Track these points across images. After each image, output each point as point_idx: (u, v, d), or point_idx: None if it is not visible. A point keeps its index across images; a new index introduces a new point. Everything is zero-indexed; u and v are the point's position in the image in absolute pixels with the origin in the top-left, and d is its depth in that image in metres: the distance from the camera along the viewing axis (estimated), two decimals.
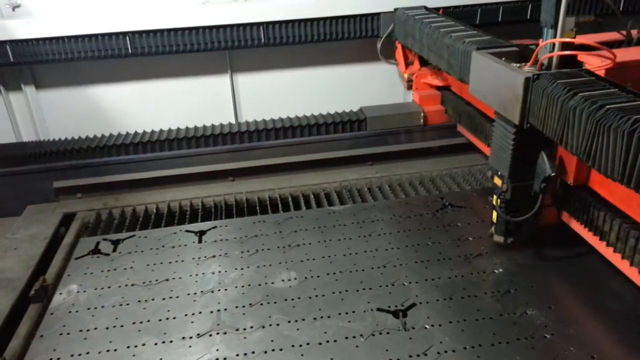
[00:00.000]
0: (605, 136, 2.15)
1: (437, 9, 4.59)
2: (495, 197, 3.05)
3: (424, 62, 4.68)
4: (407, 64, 4.88)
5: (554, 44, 2.68)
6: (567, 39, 2.65)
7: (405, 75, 4.85)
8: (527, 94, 2.59)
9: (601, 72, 2.67)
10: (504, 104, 2.77)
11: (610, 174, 2.16)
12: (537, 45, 2.76)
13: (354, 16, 4.74)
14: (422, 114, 4.65)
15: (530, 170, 2.89)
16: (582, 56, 2.79)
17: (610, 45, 2.77)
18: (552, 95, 2.43)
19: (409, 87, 4.85)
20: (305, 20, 4.68)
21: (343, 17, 4.73)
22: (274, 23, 4.64)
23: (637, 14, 4.80)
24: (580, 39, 2.70)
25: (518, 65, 2.78)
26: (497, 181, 3.01)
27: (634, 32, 3.20)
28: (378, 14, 4.76)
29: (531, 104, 2.60)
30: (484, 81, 2.98)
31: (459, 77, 3.40)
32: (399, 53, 4.87)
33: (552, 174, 2.77)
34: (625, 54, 2.77)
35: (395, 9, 4.61)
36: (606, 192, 2.76)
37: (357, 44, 5.05)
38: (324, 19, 4.70)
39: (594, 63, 2.73)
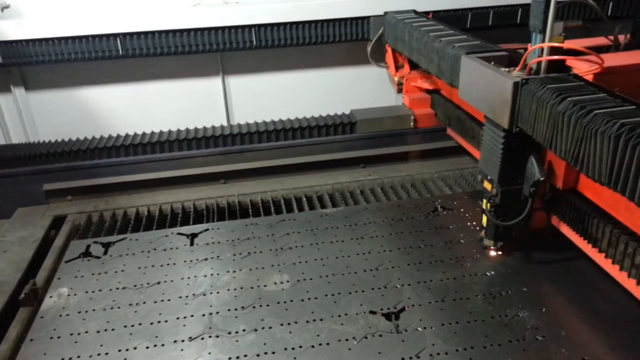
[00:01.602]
0: (592, 140, 2.18)
1: (426, 13, 4.62)
2: (485, 201, 3.06)
3: (414, 66, 4.71)
4: (397, 67, 4.91)
5: (542, 49, 2.71)
6: (556, 44, 2.67)
7: (396, 79, 4.87)
8: (516, 99, 2.62)
9: (589, 77, 2.70)
10: (493, 109, 2.79)
11: (598, 178, 2.19)
12: (526, 49, 2.79)
13: (344, 19, 4.78)
14: (412, 117, 4.67)
15: (519, 174, 2.90)
16: (570, 61, 2.82)
17: (598, 50, 2.80)
18: (541, 100, 2.45)
19: (400, 90, 4.87)
20: (297, 23, 4.70)
21: (333, 20, 4.76)
22: (265, 25, 4.66)
23: (624, 19, 4.87)
24: (569, 44, 2.73)
25: (507, 69, 2.80)
26: (487, 185, 3.03)
27: (621, 37, 3.24)
28: (368, 17, 4.79)
29: (520, 109, 2.62)
30: (473, 85, 3.00)
31: (449, 82, 3.41)
32: (389, 56, 4.90)
33: (542, 178, 2.78)
34: (612, 59, 2.80)
35: (385, 13, 4.64)
36: (594, 195, 2.78)
37: (348, 47, 5.08)
38: (315, 21, 4.73)
39: (582, 68, 2.76)
